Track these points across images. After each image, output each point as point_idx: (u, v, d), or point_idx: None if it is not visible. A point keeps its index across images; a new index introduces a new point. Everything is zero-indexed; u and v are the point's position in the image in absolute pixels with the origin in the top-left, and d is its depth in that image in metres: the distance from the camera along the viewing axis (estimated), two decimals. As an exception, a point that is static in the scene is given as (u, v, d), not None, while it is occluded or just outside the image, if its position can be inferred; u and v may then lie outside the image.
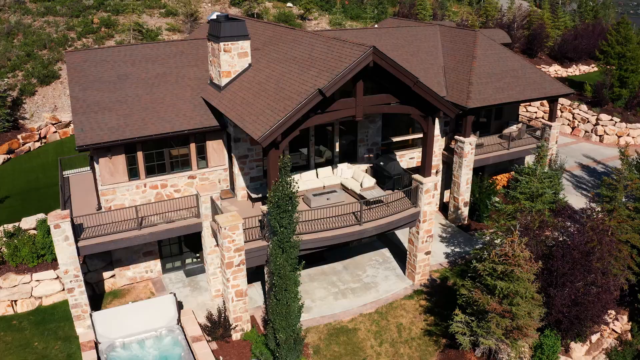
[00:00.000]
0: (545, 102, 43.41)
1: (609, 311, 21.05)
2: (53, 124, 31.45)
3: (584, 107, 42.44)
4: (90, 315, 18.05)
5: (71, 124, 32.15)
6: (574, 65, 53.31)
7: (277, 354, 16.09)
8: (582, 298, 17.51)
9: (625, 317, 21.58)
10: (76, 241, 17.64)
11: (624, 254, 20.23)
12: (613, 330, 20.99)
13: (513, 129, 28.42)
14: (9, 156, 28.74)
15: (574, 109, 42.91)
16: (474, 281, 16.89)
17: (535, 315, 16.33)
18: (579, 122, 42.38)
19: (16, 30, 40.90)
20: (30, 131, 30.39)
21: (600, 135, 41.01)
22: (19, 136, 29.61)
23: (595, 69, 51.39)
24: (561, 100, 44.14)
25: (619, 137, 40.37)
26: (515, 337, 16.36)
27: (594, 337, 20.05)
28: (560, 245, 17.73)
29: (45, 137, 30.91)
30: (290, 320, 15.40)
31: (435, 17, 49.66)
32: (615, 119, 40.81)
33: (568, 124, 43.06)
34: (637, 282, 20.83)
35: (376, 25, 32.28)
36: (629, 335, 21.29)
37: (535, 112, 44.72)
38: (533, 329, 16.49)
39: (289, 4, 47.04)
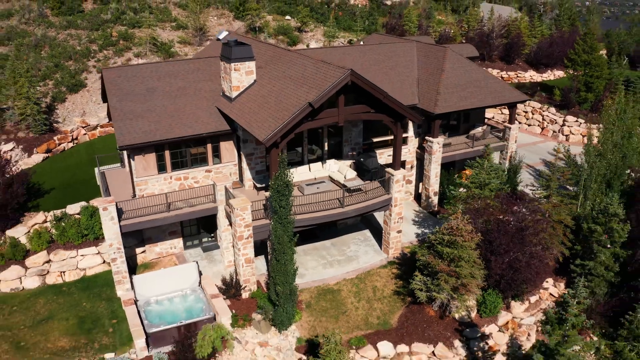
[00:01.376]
0: (523, 104, 48.26)
1: (547, 278, 25.95)
2: (83, 127, 36.26)
3: (552, 109, 47.26)
4: (131, 279, 22.93)
5: (98, 127, 36.96)
6: (548, 71, 58.06)
7: (277, 303, 20.95)
8: (517, 265, 22.35)
9: (562, 285, 26.41)
10: (119, 221, 22.49)
11: (559, 232, 25.12)
12: (551, 294, 25.81)
13: (478, 130, 33.22)
14: (47, 155, 33.54)
15: (543, 111, 47.74)
16: (429, 249, 21.76)
17: (478, 276, 21.19)
18: (548, 123, 47.21)
19: (43, 43, 45.73)
20: (64, 133, 35.22)
21: (566, 135, 45.81)
22: (54, 138, 34.43)
23: (568, 74, 56.15)
24: (532, 103, 49.02)
25: (584, 136, 45.11)
26: (461, 293, 21.23)
27: (533, 299, 24.84)
28: (499, 222, 22.58)
29: (76, 138, 35.73)
30: (287, 277, 20.27)
31: (420, 27, 54.50)
32: (580, 120, 45.64)
33: (538, 125, 47.90)
34: (571, 255, 25.65)
35: (361, 43, 36.99)
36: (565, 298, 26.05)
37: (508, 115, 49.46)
38: (476, 287, 21.37)
39: (288, 17, 51.92)
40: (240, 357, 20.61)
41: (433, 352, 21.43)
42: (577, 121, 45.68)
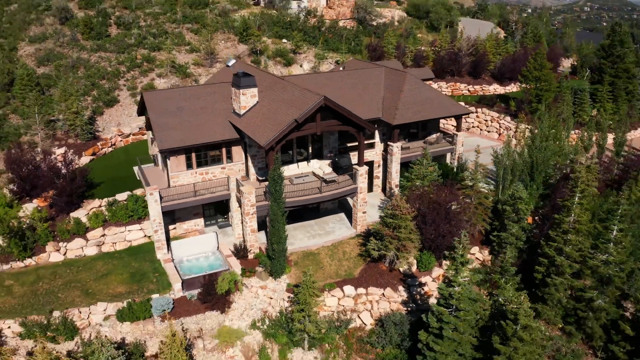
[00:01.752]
0: (496, 119, 57.64)
1: (475, 246, 34.98)
2: (119, 135, 45.44)
3: (508, 118, 56.40)
4: (169, 245, 32.06)
5: (131, 135, 46.15)
6: (511, 84, 67.19)
7: (274, 257, 30.04)
8: (444, 233, 31.40)
9: (486, 252, 35.45)
10: (160, 203, 31.60)
11: (480, 211, 34.26)
12: (477, 258, 34.85)
13: (433, 137, 42.32)
14: (93, 157, 42.68)
15: (500, 120, 56.89)
16: (381, 221, 30.85)
17: (414, 240, 30.28)
18: (504, 129, 56.35)
19: (78, 64, 54.95)
20: (104, 140, 44.39)
21: (519, 140, 54.85)
22: (98, 144, 43.58)
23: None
24: (491, 113, 58.05)
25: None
26: (402, 252, 30.32)
27: (462, 261, 33.78)
28: (431, 202, 31.67)
29: (114, 144, 44.89)
30: (280, 239, 29.37)
31: (398, 48, 63.72)
32: (530, 126, 54.71)
33: (496, 131, 57.02)
34: (491, 229, 34.72)
35: (341, 68, 46.19)
36: (489, 262, 35.12)
37: (472, 123, 58.76)
38: (413, 248, 30.46)
39: (284, 40, 61.20)
40: (247, 296, 29.71)
41: (383, 294, 30.52)
42: (527, 127, 54.74)
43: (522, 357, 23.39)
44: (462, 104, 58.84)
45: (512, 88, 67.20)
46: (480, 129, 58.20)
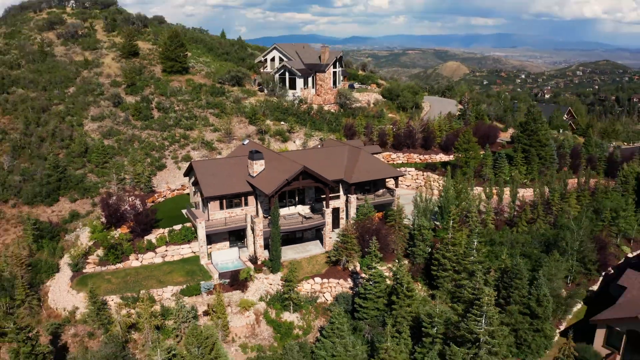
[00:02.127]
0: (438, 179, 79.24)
1: (397, 259, 55.78)
2: (168, 190, 67.00)
3: (443, 178, 77.93)
4: (209, 254, 53.02)
5: (176, 190, 67.66)
6: (453, 154, 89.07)
7: (273, 261, 50.86)
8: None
9: (406, 261, 56.13)
10: (205, 229, 52.75)
11: (402, 235, 55.38)
12: (404, 263, 55.51)
13: (380, 191, 63.85)
14: (152, 203, 64.01)
15: (439, 180, 78.47)
16: (340, 239, 51.98)
17: (357, 250, 51.28)
18: (442, 187, 77.79)
19: (133, 139, 77.13)
20: (159, 193, 65.92)
21: (434, 190, 76.21)
22: (154, 195, 65.05)
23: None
24: (433, 175, 79.66)
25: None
26: (350, 257, 51.27)
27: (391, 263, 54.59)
28: (368, 228, 52.74)
29: (165, 196, 66.40)
30: (277, 248, 50.35)
31: (367, 127, 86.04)
32: (444, 182, 76.18)
33: (436, 188, 78.51)
34: (408, 246, 55.58)
35: (319, 145, 68.39)
36: (409, 267, 55.67)
37: (420, 183, 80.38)
38: (357, 255, 51.38)
39: (282, 122, 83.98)
40: (257, 283, 50.35)
41: (338, 282, 51.24)
42: (439, 182, 76.27)
43: (407, 307, 43.93)
44: (414, 169, 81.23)
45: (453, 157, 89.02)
46: (425, 187, 79.77)
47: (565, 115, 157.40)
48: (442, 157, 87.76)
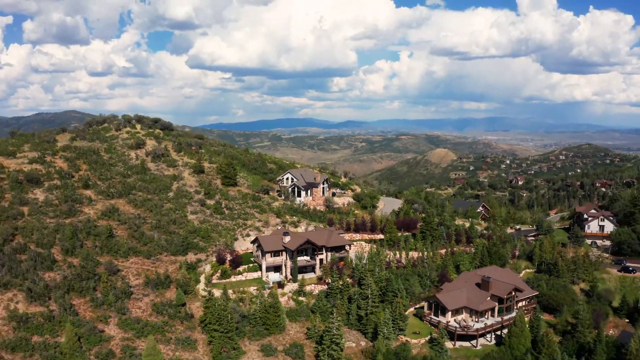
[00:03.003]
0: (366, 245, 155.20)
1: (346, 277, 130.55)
2: (241, 250, 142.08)
3: (372, 246, 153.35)
4: (267, 275, 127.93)
5: (243, 250, 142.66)
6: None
7: (293, 277, 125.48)
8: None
9: (350, 280, 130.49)
10: (265, 264, 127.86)
11: (350, 268, 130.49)
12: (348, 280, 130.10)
13: (342, 251, 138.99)
14: (236, 255, 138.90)
15: (368, 246, 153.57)
16: (322, 270, 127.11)
17: (330, 273, 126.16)
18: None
19: (217, 225, 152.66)
20: (237, 251, 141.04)
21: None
22: (235, 252, 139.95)
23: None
24: (366, 244, 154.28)
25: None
26: (327, 276, 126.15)
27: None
28: (336, 264, 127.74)
29: (239, 253, 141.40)
30: (295, 274, 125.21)
31: (341, 220, 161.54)
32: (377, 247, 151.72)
33: (367, 251, 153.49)
34: (352, 272, 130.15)
35: (314, 229, 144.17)
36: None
37: (364, 248, 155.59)
38: (329, 275, 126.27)
39: (294, 217, 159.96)
40: (288, 286, 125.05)
41: (322, 286, 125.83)
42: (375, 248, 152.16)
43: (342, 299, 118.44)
44: (363, 242, 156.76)
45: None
46: (362, 250, 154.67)
47: (480, 207, 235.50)
48: (380, 236, 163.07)
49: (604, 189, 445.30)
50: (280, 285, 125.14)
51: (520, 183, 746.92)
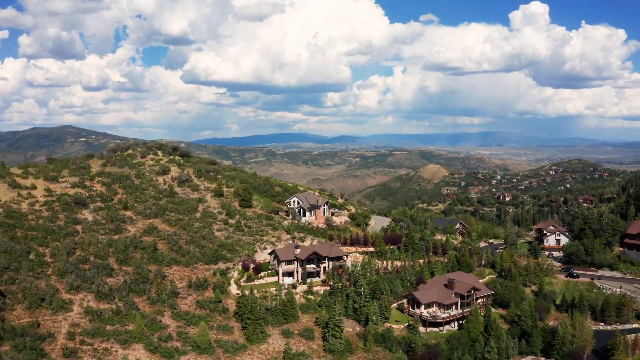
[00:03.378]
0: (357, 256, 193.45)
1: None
2: (261, 261, 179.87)
3: (364, 257, 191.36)
4: (283, 280, 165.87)
5: (263, 260, 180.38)
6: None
7: (303, 280, 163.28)
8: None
9: (348, 282, 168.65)
10: (281, 271, 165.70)
11: (347, 274, 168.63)
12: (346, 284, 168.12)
13: (340, 260, 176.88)
14: (257, 266, 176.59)
15: (362, 258, 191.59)
16: (326, 275, 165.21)
17: (332, 277, 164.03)
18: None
19: (240, 239, 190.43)
20: (257, 261, 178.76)
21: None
22: (256, 261, 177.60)
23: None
24: (360, 255, 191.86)
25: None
26: (330, 279, 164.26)
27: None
28: (336, 270, 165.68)
29: (260, 262, 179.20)
30: (305, 277, 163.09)
31: (339, 235, 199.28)
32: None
33: (360, 261, 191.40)
34: (349, 277, 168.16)
35: (317, 243, 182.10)
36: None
37: (358, 258, 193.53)
38: (331, 279, 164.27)
39: (301, 234, 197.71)
40: (299, 287, 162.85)
41: (326, 286, 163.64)
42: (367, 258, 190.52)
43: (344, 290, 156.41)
44: (357, 254, 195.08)
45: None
46: (357, 260, 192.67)
47: (458, 224, 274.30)
48: (371, 249, 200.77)
49: (585, 205, 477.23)
50: (294, 286, 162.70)
51: (507, 199, 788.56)
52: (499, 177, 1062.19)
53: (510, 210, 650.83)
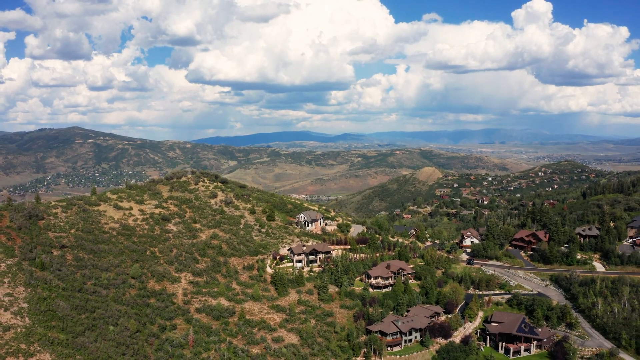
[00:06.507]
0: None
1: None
2: (284, 255, 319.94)
3: (343, 252, 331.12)
4: (296, 265, 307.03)
5: (284, 254, 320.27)
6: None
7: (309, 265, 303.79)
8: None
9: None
10: (295, 259, 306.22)
11: (334, 263, 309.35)
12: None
13: (330, 253, 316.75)
14: (281, 255, 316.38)
15: (341, 253, 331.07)
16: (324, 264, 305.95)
17: (326, 265, 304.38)
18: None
19: (271, 242, 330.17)
20: (281, 254, 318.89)
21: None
22: (280, 254, 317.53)
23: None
24: (341, 251, 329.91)
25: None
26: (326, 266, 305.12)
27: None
28: (328, 260, 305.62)
29: (282, 255, 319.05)
30: (308, 264, 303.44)
31: (329, 238, 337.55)
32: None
33: (341, 255, 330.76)
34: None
35: (315, 244, 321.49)
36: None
37: (339, 253, 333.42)
38: (327, 267, 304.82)
39: (306, 238, 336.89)
40: (306, 269, 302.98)
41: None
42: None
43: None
44: (341, 250, 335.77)
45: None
46: (339, 254, 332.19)
47: (413, 230, 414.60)
48: (348, 247, 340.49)
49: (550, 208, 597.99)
50: (302, 268, 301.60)
51: (485, 202, 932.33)
52: (490, 179, 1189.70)
53: (486, 213, 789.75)
